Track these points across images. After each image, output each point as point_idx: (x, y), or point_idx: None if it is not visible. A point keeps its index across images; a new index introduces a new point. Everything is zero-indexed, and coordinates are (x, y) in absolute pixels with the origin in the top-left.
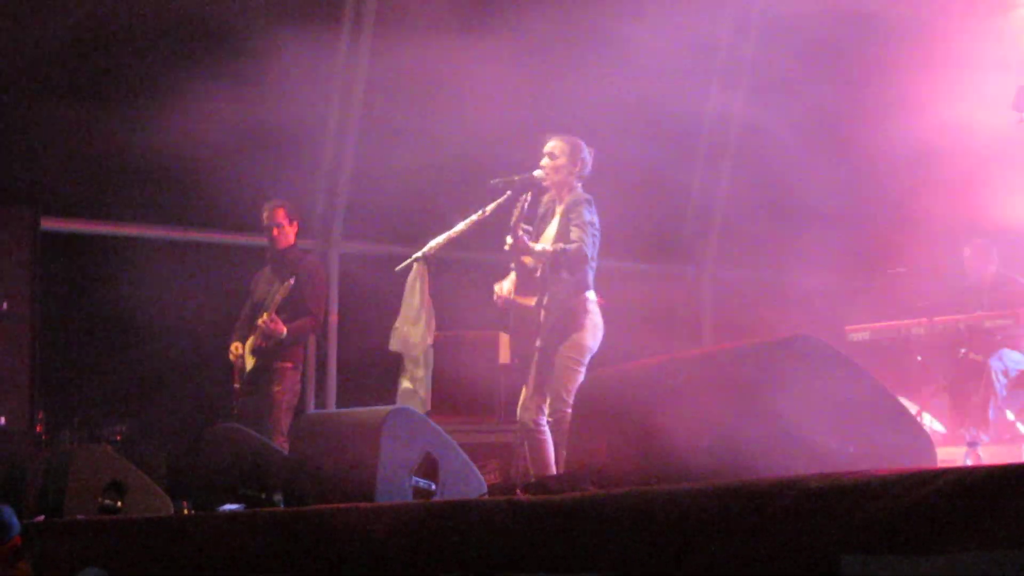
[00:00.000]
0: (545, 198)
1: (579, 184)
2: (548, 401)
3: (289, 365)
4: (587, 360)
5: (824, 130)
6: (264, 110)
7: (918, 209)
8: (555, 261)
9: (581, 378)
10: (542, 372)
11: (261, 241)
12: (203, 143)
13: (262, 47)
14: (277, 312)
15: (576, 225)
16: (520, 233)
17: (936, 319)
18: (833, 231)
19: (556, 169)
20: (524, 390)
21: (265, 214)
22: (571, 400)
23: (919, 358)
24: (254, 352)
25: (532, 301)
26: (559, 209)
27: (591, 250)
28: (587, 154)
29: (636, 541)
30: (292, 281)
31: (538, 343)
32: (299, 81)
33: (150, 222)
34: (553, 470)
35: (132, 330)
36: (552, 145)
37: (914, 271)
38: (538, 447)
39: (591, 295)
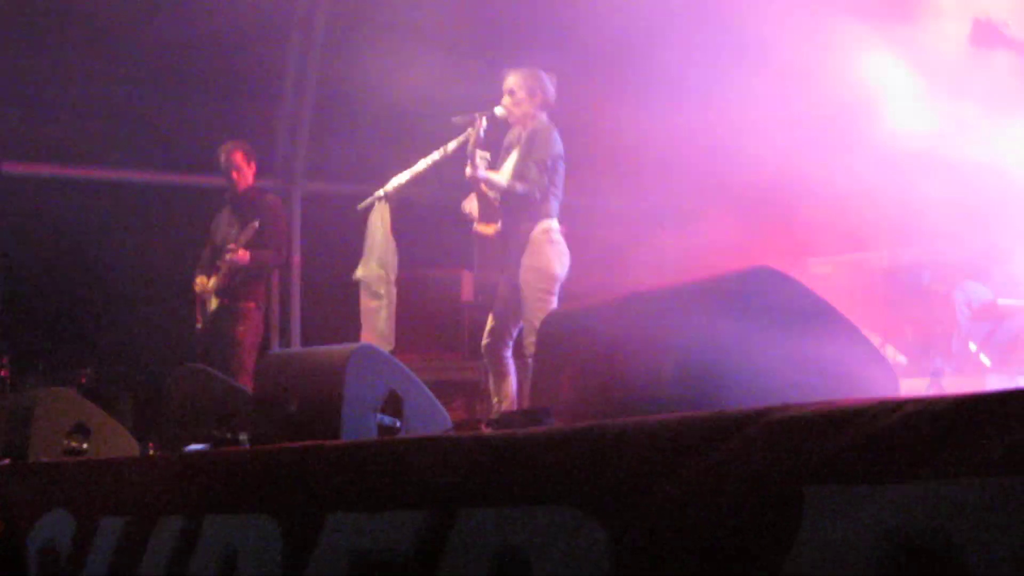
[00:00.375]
0: (512, 130)
1: (543, 114)
2: (524, 334)
3: (252, 305)
4: (556, 288)
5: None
6: (224, 47)
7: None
8: (506, 197)
9: (553, 307)
10: (506, 302)
11: (221, 182)
12: (162, 83)
13: None
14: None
15: (534, 160)
16: (477, 161)
17: (899, 250)
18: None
19: (517, 104)
20: (489, 320)
21: (222, 157)
22: None
23: (882, 290)
24: (217, 293)
25: (492, 229)
26: (522, 140)
27: (540, 191)
28: (548, 83)
29: (600, 474)
30: (256, 224)
31: (503, 273)
32: (260, 18)
33: (110, 165)
34: (515, 401)
35: (95, 274)
36: (510, 81)
37: (877, 204)
38: (502, 378)
39: (554, 223)
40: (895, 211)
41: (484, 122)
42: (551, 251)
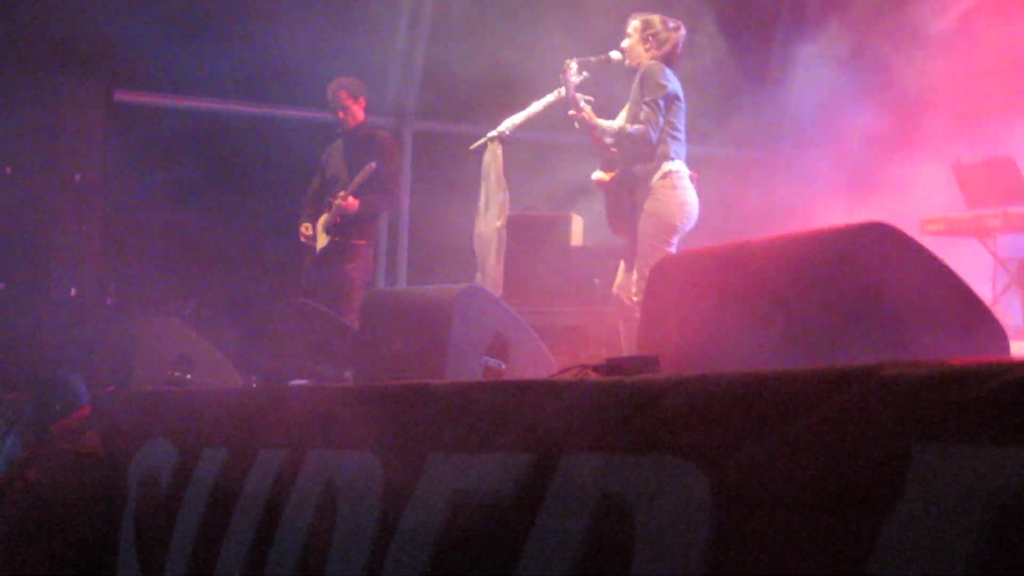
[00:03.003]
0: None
1: (660, 56)
2: (636, 281)
3: (363, 243)
4: (675, 240)
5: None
6: None
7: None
8: (619, 141)
9: None
10: (632, 249)
11: (332, 117)
12: (279, 18)
13: None
14: (357, 194)
15: (645, 102)
16: (581, 104)
17: (1011, 211)
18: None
19: (631, 48)
20: (621, 268)
21: (329, 96)
22: None
23: (994, 251)
24: (328, 229)
25: (610, 176)
26: (634, 83)
27: (656, 132)
28: (664, 30)
29: (706, 425)
30: (374, 164)
31: (629, 222)
32: None
33: (222, 96)
34: None
35: (204, 204)
36: (630, 24)
37: (990, 162)
38: (633, 327)
39: (676, 165)
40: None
41: (575, 66)
42: (672, 198)
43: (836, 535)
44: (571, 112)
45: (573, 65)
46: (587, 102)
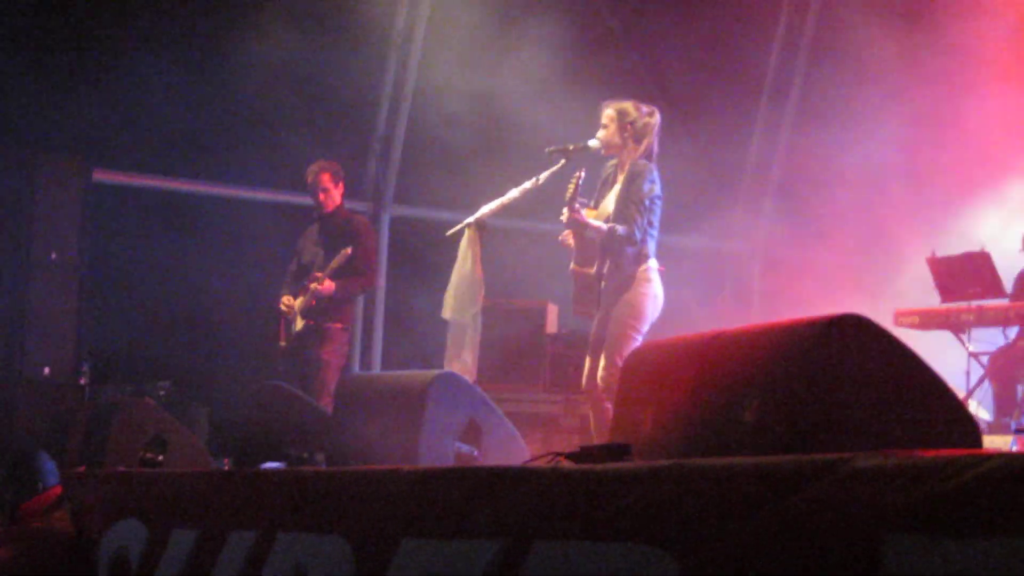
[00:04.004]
0: (610, 162)
1: (640, 149)
2: (602, 367)
3: (339, 326)
4: (645, 328)
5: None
6: (320, 72)
7: (973, 190)
8: (607, 241)
9: (636, 345)
10: (603, 341)
11: (311, 201)
12: (257, 103)
13: (318, 9)
14: (333, 278)
15: (632, 201)
16: (576, 206)
17: (986, 305)
18: (885, 213)
19: (608, 138)
20: (588, 359)
21: (309, 178)
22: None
23: (967, 344)
24: (304, 313)
25: (592, 269)
26: (621, 178)
27: (640, 232)
28: (642, 117)
29: (678, 513)
30: (349, 251)
31: (600, 311)
32: (356, 44)
33: (201, 178)
34: None
35: (180, 286)
36: (604, 114)
37: (965, 257)
38: (603, 415)
39: (652, 263)
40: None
41: (583, 173)
42: (647, 291)
43: None
44: (567, 213)
45: (581, 174)
46: (582, 204)
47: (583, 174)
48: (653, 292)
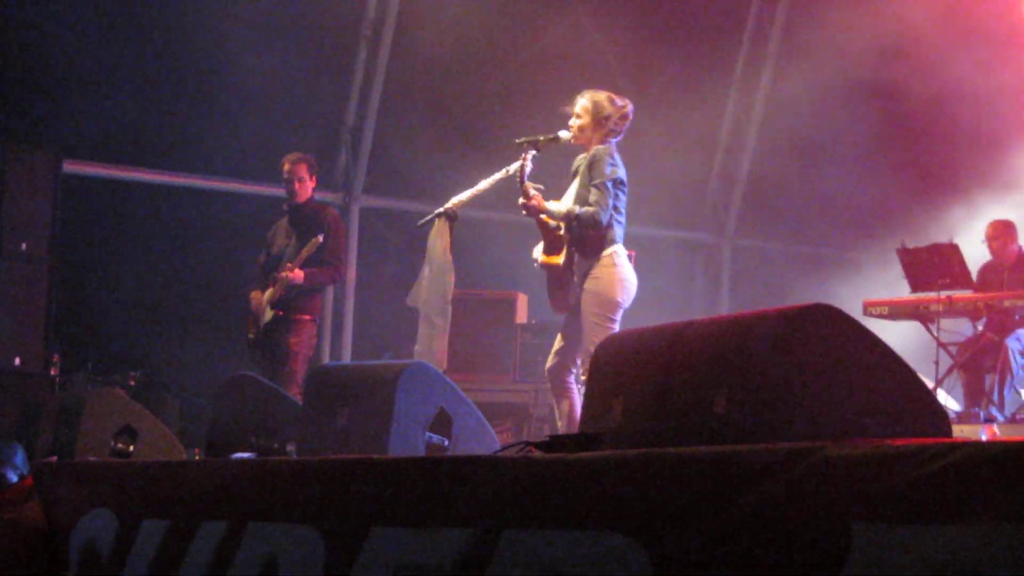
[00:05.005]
0: (581, 155)
1: (611, 140)
2: (582, 360)
3: (307, 317)
4: (618, 315)
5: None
6: (290, 62)
7: (941, 182)
8: (568, 224)
9: (612, 332)
10: (571, 327)
11: (280, 191)
12: (228, 93)
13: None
14: (302, 267)
15: (595, 185)
16: (532, 192)
17: (955, 296)
18: (854, 204)
19: (581, 129)
20: (556, 342)
21: (286, 167)
22: None
23: (936, 335)
24: (272, 304)
25: (560, 259)
26: (583, 166)
27: (606, 214)
28: (616, 109)
29: (648, 502)
30: (320, 238)
31: (571, 300)
32: (327, 35)
33: (171, 169)
34: (576, 425)
35: (149, 276)
36: (578, 104)
37: (934, 248)
38: (562, 401)
39: (619, 249)
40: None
41: (532, 154)
42: (614, 276)
43: None
44: (521, 200)
45: (531, 153)
46: (537, 190)
47: (531, 155)
48: (621, 276)
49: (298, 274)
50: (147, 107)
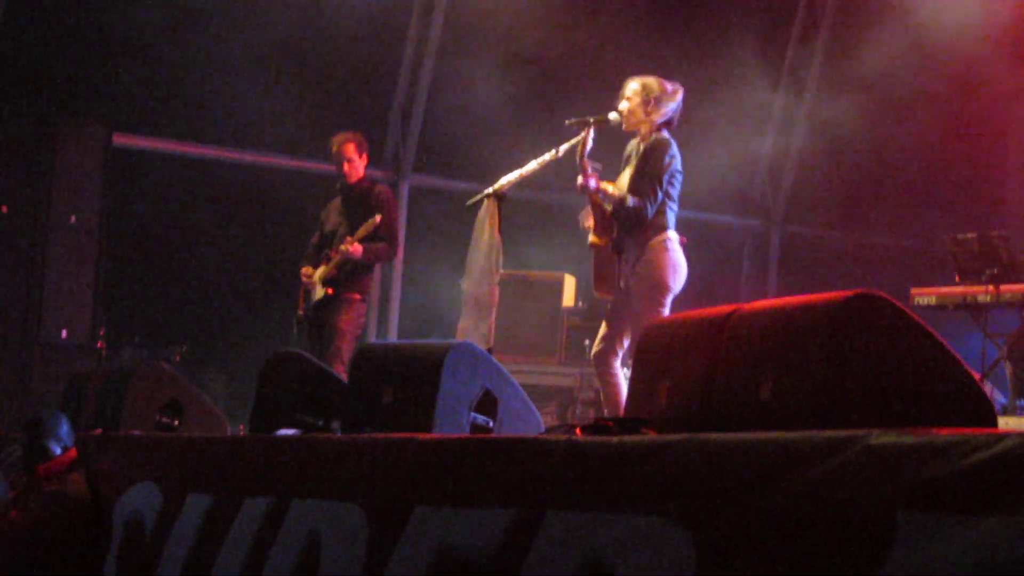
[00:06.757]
0: (633, 139)
1: (662, 125)
2: (630, 344)
3: (357, 296)
4: (668, 300)
5: (898, 94)
6: (343, 41)
7: (991, 173)
8: (616, 211)
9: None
10: (619, 311)
11: (331, 169)
12: (279, 68)
13: None
14: (360, 243)
15: (648, 175)
16: (589, 171)
17: (1003, 287)
18: (903, 193)
19: (631, 112)
20: (602, 327)
21: (334, 148)
22: None
23: (983, 326)
24: (324, 282)
25: (606, 241)
26: (639, 153)
27: (652, 209)
28: (667, 93)
29: (692, 486)
30: (378, 218)
31: (620, 283)
32: (379, 11)
33: (221, 143)
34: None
35: (199, 251)
36: (628, 87)
37: (983, 238)
38: (609, 387)
39: (672, 234)
40: None
41: (593, 132)
42: (665, 261)
43: None
44: (580, 178)
45: (591, 131)
46: (595, 168)
47: (590, 133)
48: (673, 261)
49: (357, 248)
50: (197, 81)
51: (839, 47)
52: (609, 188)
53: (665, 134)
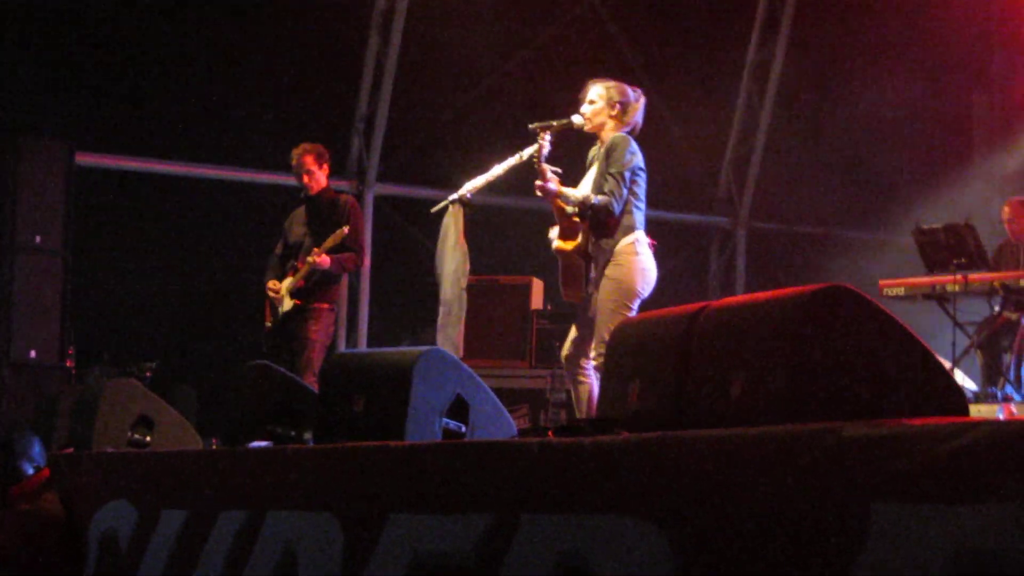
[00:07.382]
0: (594, 146)
1: (624, 127)
2: (594, 344)
3: (326, 306)
4: (635, 304)
5: (860, 87)
6: (302, 49)
7: (957, 163)
8: (582, 211)
9: None
10: (588, 314)
11: (294, 181)
12: (240, 82)
13: None
14: (328, 254)
15: (611, 173)
16: (549, 174)
17: (971, 276)
18: (869, 186)
19: (595, 114)
20: (571, 329)
21: (294, 160)
22: None
23: (953, 315)
24: (292, 294)
25: (574, 245)
26: (600, 156)
27: (619, 205)
28: (631, 99)
29: (666, 485)
30: (346, 229)
31: (589, 288)
32: (339, 20)
33: (183, 160)
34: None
35: (164, 267)
36: (591, 90)
37: (950, 228)
38: (579, 388)
39: (639, 236)
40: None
41: (551, 136)
42: (634, 266)
43: None
44: (537, 182)
45: (548, 136)
46: (554, 173)
47: (549, 138)
48: (641, 266)
49: (325, 259)
50: (158, 98)
51: (801, 42)
52: (567, 190)
53: (624, 132)
